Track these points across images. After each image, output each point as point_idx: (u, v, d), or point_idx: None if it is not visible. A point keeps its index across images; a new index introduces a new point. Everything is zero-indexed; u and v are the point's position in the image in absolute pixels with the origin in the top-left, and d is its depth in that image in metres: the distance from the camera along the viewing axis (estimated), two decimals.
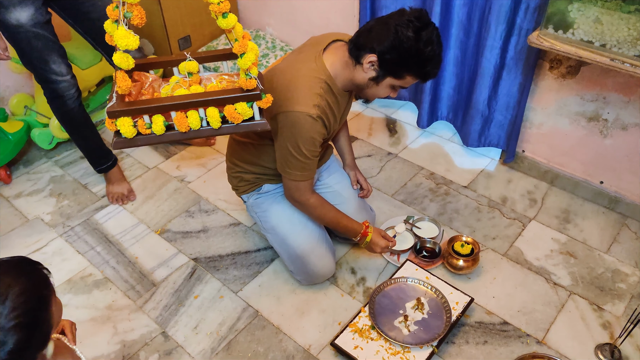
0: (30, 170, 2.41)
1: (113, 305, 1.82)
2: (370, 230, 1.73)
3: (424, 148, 2.47)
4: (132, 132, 1.25)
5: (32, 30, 1.82)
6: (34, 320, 0.88)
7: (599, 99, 1.94)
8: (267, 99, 1.27)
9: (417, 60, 1.40)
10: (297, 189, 1.59)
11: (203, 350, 1.68)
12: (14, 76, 2.53)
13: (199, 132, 1.30)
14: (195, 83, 1.36)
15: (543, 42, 1.68)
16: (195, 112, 1.26)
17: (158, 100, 1.28)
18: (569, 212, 2.12)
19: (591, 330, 1.70)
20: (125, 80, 1.23)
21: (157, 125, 1.26)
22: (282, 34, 2.94)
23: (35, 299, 0.89)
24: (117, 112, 1.22)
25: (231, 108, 1.26)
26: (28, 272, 0.91)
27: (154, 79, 1.40)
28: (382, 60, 1.41)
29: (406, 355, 1.59)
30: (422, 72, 1.44)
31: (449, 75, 2.27)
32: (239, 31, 1.24)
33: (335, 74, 1.50)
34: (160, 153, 2.49)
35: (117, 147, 1.29)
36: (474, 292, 1.80)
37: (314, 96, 1.45)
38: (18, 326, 0.85)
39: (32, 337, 0.88)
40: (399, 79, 1.45)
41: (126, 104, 1.25)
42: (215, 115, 1.26)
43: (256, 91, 1.24)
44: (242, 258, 1.97)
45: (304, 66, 1.50)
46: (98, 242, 2.05)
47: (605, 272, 1.88)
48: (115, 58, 1.18)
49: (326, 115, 1.50)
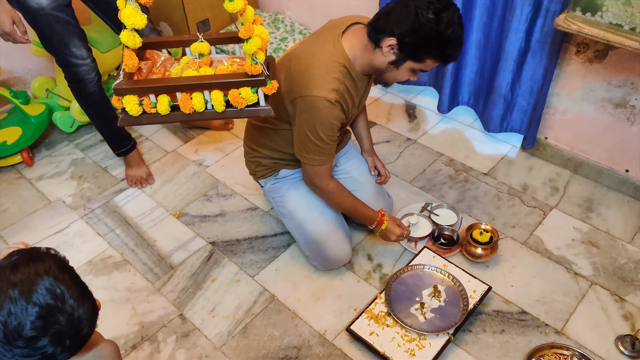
0: (52, 152, 2.44)
1: (132, 287, 1.84)
2: (386, 219, 1.72)
3: (443, 134, 2.43)
4: (137, 110, 1.27)
5: (52, 13, 1.83)
6: (83, 287, 0.92)
7: (627, 85, 1.88)
8: (272, 85, 1.26)
9: (438, 42, 1.36)
10: (316, 174, 1.58)
11: (220, 333, 1.69)
12: (35, 59, 2.55)
13: (203, 115, 1.30)
14: (206, 65, 1.36)
15: (570, 25, 1.62)
16: (200, 95, 1.27)
17: (164, 81, 1.29)
18: (592, 201, 2.07)
19: (612, 321, 1.67)
20: (132, 58, 1.24)
21: (161, 105, 1.27)
22: (301, 18, 2.91)
23: (71, 271, 0.92)
24: (124, 90, 1.25)
25: (235, 92, 1.25)
26: (46, 254, 0.92)
27: (166, 58, 1.40)
28: (401, 43, 1.38)
29: (422, 343, 1.58)
30: (443, 54, 1.40)
31: (470, 59, 2.23)
32: (249, 15, 1.23)
33: (353, 57, 1.47)
34: (179, 137, 2.50)
35: (123, 124, 1.31)
36: (492, 280, 1.78)
37: (332, 80, 1.43)
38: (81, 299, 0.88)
39: (92, 300, 0.92)
40: (419, 62, 1.42)
41: (133, 82, 1.27)
42: (219, 98, 1.26)
43: (261, 77, 1.23)
44: (259, 242, 1.98)
45: (322, 50, 1.47)
46: (117, 225, 2.07)
47: (628, 262, 1.84)
48: (122, 36, 1.19)
49: (344, 100, 1.48)
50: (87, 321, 0.89)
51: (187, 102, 1.26)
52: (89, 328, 0.90)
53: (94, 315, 0.91)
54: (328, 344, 1.65)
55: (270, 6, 3.01)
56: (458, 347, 1.62)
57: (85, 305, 0.89)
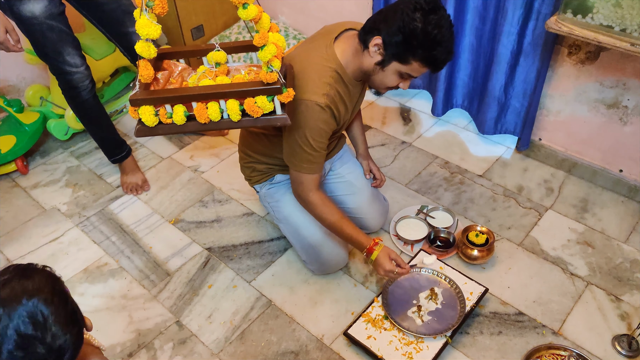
0: (47, 160, 2.44)
1: (128, 295, 1.84)
2: (378, 249, 1.59)
3: (438, 136, 2.44)
4: (153, 121, 1.26)
5: (46, 22, 1.83)
6: (72, 313, 0.89)
7: (619, 86, 1.90)
8: (289, 93, 1.24)
9: (423, 43, 1.34)
10: (300, 182, 1.56)
11: (217, 339, 1.69)
12: (29, 67, 2.55)
13: (219, 124, 1.29)
14: (222, 74, 1.34)
15: (561, 27, 1.63)
16: (216, 104, 1.25)
17: (179, 91, 1.28)
18: (587, 201, 2.08)
19: (608, 321, 1.68)
20: (147, 68, 1.23)
21: (177, 115, 1.26)
22: (295, 23, 2.92)
23: (62, 295, 0.89)
24: (139, 101, 1.24)
25: (251, 101, 1.24)
26: (40, 272, 0.90)
27: (184, 67, 1.39)
28: (387, 43, 1.37)
29: (419, 346, 1.58)
30: (429, 56, 1.37)
31: (464, 62, 2.24)
32: (265, 23, 1.21)
33: (346, 62, 1.48)
34: (174, 143, 2.50)
35: (139, 135, 1.31)
36: (489, 282, 1.79)
37: (324, 85, 1.43)
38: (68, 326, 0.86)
39: (79, 326, 0.90)
40: (404, 64, 1.40)
41: (148, 93, 1.26)
42: (235, 108, 1.25)
43: (277, 85, 1.21)
44: (255, 248, 1.98)
45: (315, 55, 1.47)
46: (113, 232, 2.07)
47: (623, 262, 1.85)
48: (138, 47, 1.19)
49: (335, 105, 1.47)
50: (70, 349, 0.86)
51: (203, 112, 1.25)
52: (71, 354, 0.87)
53: (78, 342, 0.88)
54: (326, 348, 1.65)
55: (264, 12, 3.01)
56: (456, 350, 1.62)
57: (71, 332, 0.86)
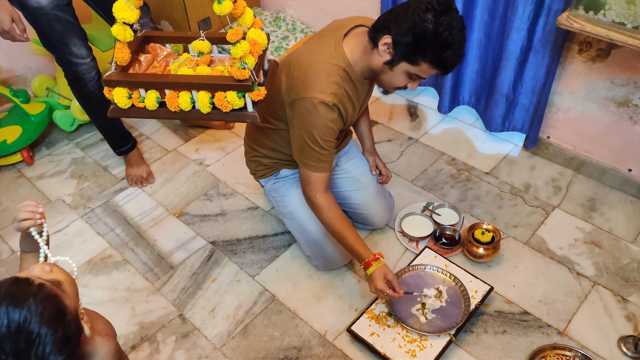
0: (52, 152, 2.44)
1: (132, 287, 1.83)
2: (376, 265, 1.52)
3: (445, 133, 2.42)
4: (125, 103, 1.28)
5: (52, 12, 1.82)
6: (64, 333, 0.87)
7: (630, 84, 1.87)
8: (260, 91, 1.24)
9: (433, 44, 1.32)
10: (309, 181, 1.54)
11: (220, 333, 1.69)
12: (36, 58, 2.55)
13: (189, 114, 1.30)
14: (204, 64, 1.35)
15: (573, 24, 1.61)
16: (187, 94, 1.26)
17: (152, 77, 1.29)
18: (595, 201, 2.06)
19: (615, 321, 1.66)
20: (123, 51, 1.24)
21: (149, 101, 1.27)
22: (302, 16, 2.90)
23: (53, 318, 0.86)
24: (113, 82, 1.26)
25: (221, 95, 1.24)
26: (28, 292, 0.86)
27: (169, 52, 1.40)
28: (397, 42, 1.35)
29: (423, 344, 1.57)
30: (439, 58, 1.35)
31: (472, 58, 2.21)
32: (247, 18, 1.22)
33: (354, 61, 1.46)
34: (180, 136, 2.49)
35: (112, 115, 1.33)
36: (494, 280, 1.77)
37: (331, 84, 1.42)
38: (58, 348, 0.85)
39: (72, 343, 0.89)
40: (413, 64, 1.38)
41: (123, 75, 1.27)
42: (205, 100, 1.25)
43: (247, 82, 1.21)
44: (259, 242, 1.97)
45: (323, 52, 1.46)
46: (117, 224, 2.07)
47: (631, 262, 1.83)
48: (113, 29, 1.20)
49: (343, 105, 1.46)
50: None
51: (174, 100, 1.26)
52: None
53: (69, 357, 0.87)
54: (329, 344, 1.64)
55: (271, 5, 3.00)
56: (459, 348, 1.61)
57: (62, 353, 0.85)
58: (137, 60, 1.35)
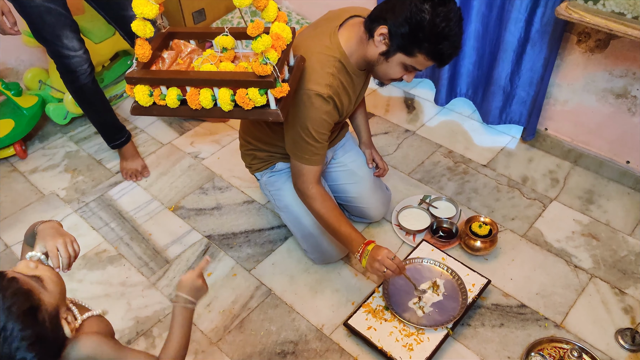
0: (46, 145, 2.41)
1: (127, 282, 1.82)
2: (372, 246, 1.49)
3: (442, 125, 2.41)
4: (146, 101, 1.25)
5: (43, 4, 1.80)
6: (35, 331, 0.86)
7: (629, 75, 1.85)
8: (283, 88, 1.20)
9: (430, 35, 1.29)
10: (301, 174, 1.53)
11: (216, 327, 1.67)
12: (28, 50, 2.51)
13: (211, 112, 1.26)
14: (228, 59, 1.30)
15: (572, 14, 1.59)
16: (208, 91, 1.23)
17: (173, 73, 1.26)
18: (593, 193, 2.05)
19: (612, 314, 1.66)
20: (144, 47, 1.21)
21: (170, 98, 1.25)
22: (298, 7, 2.87)
23: (23, 314, 0.85)
24: (135, 79, 1.23)
25: (242, 92, 1.20)
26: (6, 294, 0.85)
27: (193, 49, 1.36)
28: (393, 33, 1.33)
29: (420, 337, 1.56)
30: (435, 50, 1.32)
31: (469, 50, 2.19)
32: (271, 11, 1.17)
33: (350, 52, 1.44)
34: (175, 129, 2.47)
35: (134, 113, 1.30)
36: (491, 273, 1.76)
37: (327, 75, 1.40)
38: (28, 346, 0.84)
39: (44, 341, 0.87)
40: (409, 56, 1.35)
41: (144, 72, 1.24)
42: (227, 97, 1.22)
43: (269, 79, 1.16)
44: (255, 236, 1.96)
45: (318, 43, 1.43)
46: (112, 218, 2.05)
47: (628, 255, 1.82)
48: (134, 25, 1.17)
49: (339, 97, 1.44)
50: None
51: (195, 98, 1.22)
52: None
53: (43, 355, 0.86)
54: (325, 338, 1.64)
55: None
56: (457, 342, 1.61)
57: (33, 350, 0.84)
58: (161, 57, 1.31)
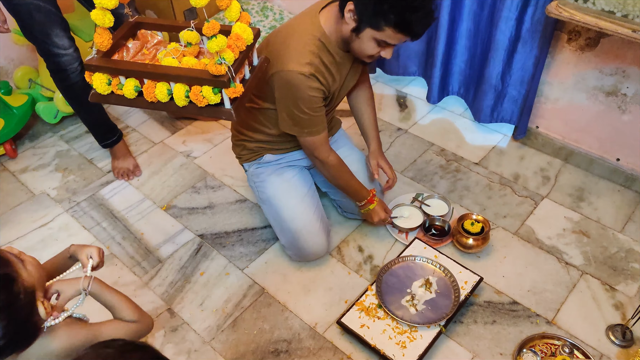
0: (36, 144, 2.39)
1: (119, 282, 1.81)
2: (377, 200, 1.77)
3: (434, 124, 2.41)
4: (104, 89, 1.26)
5: (33, 2, 1.78)
6: (7, 300, 0.89)
7: (618, 73, 1.87)
8: (237, 88, 1.20)
9: (395, 6, 1.29)
10: (315, 145, 1.56)
11: (209, 327, 1.67)
12: (17, 48, 2.49)
13: (167, 106, 1.27)
14: (192, 54, 1.31)
15: (562, 12, 1.60)
16: (165, 85, 1.23)
17: (130, 64, 1.27)
18: (583, 190, 2.06)
19: (603, 310, 1.67)
20: (102, 36, 1.22)
21: (127, 89, 1.25)
22: (290, 6, 2.86)
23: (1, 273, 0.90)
24: (92, 67, 1.25)
25: (197, 89, 1.21)
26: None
27: (159, 40, 1.37)
28: (359, 8, 1.33)
29: (413, 335, 1.57)
30: (402, 20, 1.31)
31: (460, 49, 2.20)
32: (233, 11, 1.18)
33: (329, 31, 1.46)
34: (167, 128, 2.46)
35: (92, 100, 1.32)
36: (484, 271, 1.77)
37: (307, 54, 1.41)
38: None
39: (15, 314, 0.90)
40: (378, 30, 1.35)
41: (102, 61, 1.25)
42: (181, 93, 1.22)
43: (224, 78, 1.17)
44: (248, 235, 1.95)
45: (299, 25, 1.47)
46: (104, 218, 2.04)
47: (619, 251, 1.84)
48: (93, 14, 1.18)
49: (322, 74, 1.45)
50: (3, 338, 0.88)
51: (151, 91, 1.24)
52: (4, 342, 0.89)
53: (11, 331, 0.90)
54: (319, 336, 1.64)
55: None
56: (449, 339, 1.61)
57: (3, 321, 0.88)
58: (125, 46, 1.32)
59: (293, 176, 1.75)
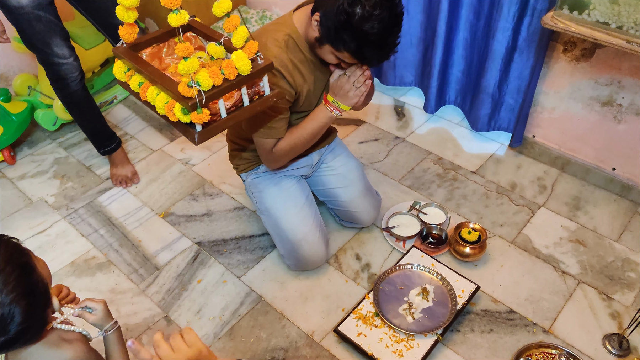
0: (35, 151, 2.40)
1: (116, 289, 1.81)
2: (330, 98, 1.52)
3: (432, 132, 2.43)
4: (121, 77, 1.30)
5: (34, 12, 1.79)
6: (28, 286, 0.91)
7: (614, 83, 1.89)
8: (202, 115, 1.13)
9: (353, 37, 1.28)
10: (264, 147, 1.55)
11: (206, 334, 1.67)
12: (17, 56, 2.50)
13: (154, 109, 1.26)
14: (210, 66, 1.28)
15: (557, 24, 1.62)
16: (155, 89, 1.21)
17: (136, 60, 1.26)
18: (580, 199, 2.07)
19: (599, 320, 1.67)
20: (126, 30, 1.24)
21: (134, 82, 1.27)
22: None
23: (19, 267, 0.91)
24: (116, 55, 1.29)
25: (172, 104, 1.17)
26: None
27: (201, 46, 1.34)
28: (322, 23, 1.34)
29: (410, 343, 1.57)
30: (358, 51, 1.31)
31: (457, 58, 2.22)
32: (240, 35, 1.15)
33: (301, 30, 1.45)
34: (165, 135, 2.47)
35: (119, 84, 1.35)
36: (481, 279, 1.78)
37: (274, 49, 1.41)
38: (17, 297, 0.88)
39: (34, 301, 0.92)
40: (336, 50, 1.36)
41: (121, 50, 1.28)
42: (161, 102, 1.19)
43: (190, 101, 1.10)
44: (245, 242, 1.95)
45: (272, 23, 1.49)
46: (102, 225, 2.04)
47: (615, 260, 1.84)
48: (118, 10, 1.18)
49: (288, 71, 1.44)
50: (18, 322, 0.89)
51: (145, 90, 1.24)
52: (20, 329, 0.89)
53: (30, 319, 0.90)
54: (316, 345, 1.64)
55: (258, 3, 2.98)
56: (446, 347, 1.61)
57: (19, 304, 0.88)
58: (172, 40, 1.33)
59: (291, 186, 1.75)
